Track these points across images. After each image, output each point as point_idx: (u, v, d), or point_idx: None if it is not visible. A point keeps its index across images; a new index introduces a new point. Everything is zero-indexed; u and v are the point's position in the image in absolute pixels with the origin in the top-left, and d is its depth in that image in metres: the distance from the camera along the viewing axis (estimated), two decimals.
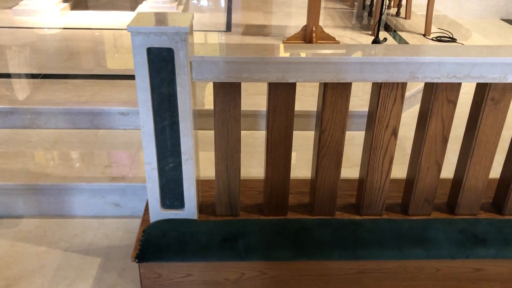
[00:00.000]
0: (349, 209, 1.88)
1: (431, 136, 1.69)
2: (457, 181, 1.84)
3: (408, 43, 3.81)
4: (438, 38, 3.94)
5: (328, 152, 1.71)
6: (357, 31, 4.08)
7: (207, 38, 3.91)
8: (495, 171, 1.88)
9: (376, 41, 3.49)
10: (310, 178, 1.90)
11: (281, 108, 1.62)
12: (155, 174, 1.68)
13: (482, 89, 1.65)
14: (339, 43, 3.67)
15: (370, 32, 4.01)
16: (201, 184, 1.91)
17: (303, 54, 1.58)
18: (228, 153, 1.69)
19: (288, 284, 1.72)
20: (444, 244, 1.67)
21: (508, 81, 1.57)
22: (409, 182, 1.83)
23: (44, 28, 3.95)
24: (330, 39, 3.63)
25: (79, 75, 2.99)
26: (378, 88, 1.61)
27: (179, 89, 1.53)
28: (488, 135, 1.69)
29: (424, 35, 3.99)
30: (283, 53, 1.60)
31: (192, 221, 1.76)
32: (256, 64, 1.52)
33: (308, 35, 3.57)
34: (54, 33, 3.86)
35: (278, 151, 1.70)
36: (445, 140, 1.69)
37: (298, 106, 1.70)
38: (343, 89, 1.59)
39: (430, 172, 1.76)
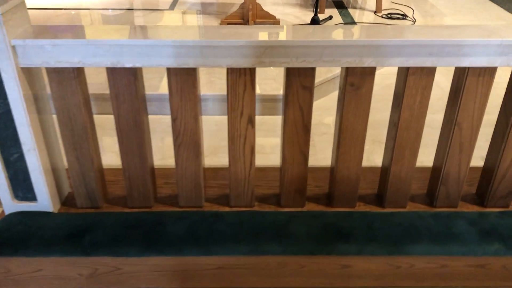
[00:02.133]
0: (220, 200, 1.79)
1: (291, 125, 1.57)
2: (331, 171, 1.73)
3: (355, 22, 3.65)
4: (389, 16, 3.77)
5: (184, 141, 1.60)
6: (306, 9, 3.92)
7: (146, 18, 3.77)
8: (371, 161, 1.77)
9: (314, 19, 3.34)
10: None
11: (124, 95, 1.51)
12: (0, 165, 1.59)
13: (343, 74, 1.52)
14: (279, 22, 3.52)
15: (318, 9, 3.84)
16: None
17: (151, 35, 1.46)
18: (76, 143, 1.59)
19: (146, 280, 1.65)
20: (303, 239, 1.57)
21: (365, 65, 1.45)
22: (281, 173, 1.72)
23: None
24: (269, 18, 3.48)
25: None
26: (227, 74, 1.49)
27: (4, 76, 1.42)
28: (354, 123, 1.57)
29: (375, 12, 3.82)
30: (117, 35, 1.47)
31: (45, 213, 1.67)
32: (86, 47, 1.41)
33: (246, 14, 3.42)
34: None
35: (130, 140, 1.60)
36: (306, 128, 1.58)
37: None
38: (187, 75, 1.48)
39: (296, 162, 1.65)
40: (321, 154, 2.31)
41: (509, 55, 1.42)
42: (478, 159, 1.97)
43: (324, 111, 2.66)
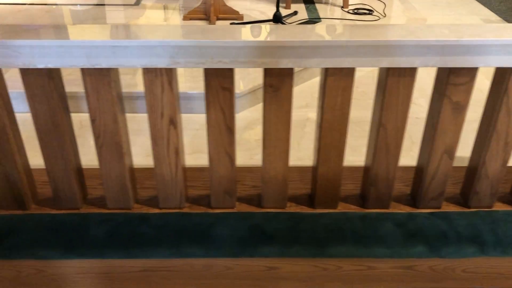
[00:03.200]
0: (151, 202, 1.77)
1: (214, 126, 1.55)
2: (262, 172, 1.70)
3: (319, 18, 3.62)
4: (356, 11, 3.74)
5: (105, 142, 1.58)
6: (272, 4, 3.88)
7: (111, 14, 3.73)
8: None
9: (276, 15, 3.30)
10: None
11: (40, 96, 1.48)
12: None
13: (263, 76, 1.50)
14: (242, 17, 3.49)
15: (285, 5, 3.81)
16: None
17: (63, 36, 1.42)
18: None
19: (70, 283, 1.63)
20: (226, 242, 1.56)
21: (281, 66, 1.42)
22: (209, 174, 1.70)
23: None
24: (232, 13, 3.44)
25: None
26: (143, 74, 1.47)
27: None
28: (276, 123, 1.54)
29: (342, 8, 3.79)
30: (27, 36, 1.42)
31: None
32: None
33: (208, 9, 3.38)
34: None
35: (50, 141, 1.56)
36: (229, 130, 1.56)
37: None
38: (102, 75, 1.45)
39: (223, 163, 1.63)
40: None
41: (428, 55, 1.40)
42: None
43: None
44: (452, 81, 1.47)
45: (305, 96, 2.80)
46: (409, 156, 2.13)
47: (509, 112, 1.52)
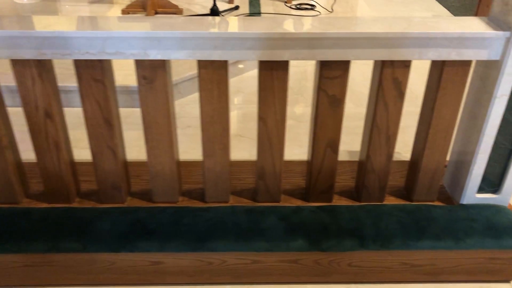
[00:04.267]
0: (40, 197, 1.74)
1: (92, 120, 1.52)
2: (149, 167, 1.68)
3: (260, 13, 3.61)
4: (298, 6, 3.73)
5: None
6: None
7: (52, 9, 3.67)
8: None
9: (213, 10, 3.28)
10: None
11: None
12: None
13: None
14: (181, 12, 3.46)
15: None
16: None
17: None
18: None
19: None
20: (106, 237, 1.54)
21: (151, 58, 1.40)
22: (94, 168, 1.67)
23: None
24: (171, 8, 3.41)
25: None
26: (12, 65, 1.43)
27: None
28: (155, 117, 1.52)
29: (285, 3, 3.78)
30: None
31: None
32: None
33: (146, 3, 3.35)
34: None
35: None
36: (108, 123, 1.53)
37: None
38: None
39: (106, 157, 1.60)
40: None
41: (296, 48, 1.39)
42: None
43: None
44: (326, 75, 1.46)
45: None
46: None
47: (387, 106, 1.52)
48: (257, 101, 1.52)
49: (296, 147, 1.76)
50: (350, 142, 2.27)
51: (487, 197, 1.69)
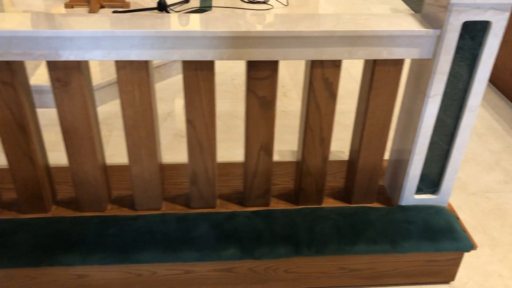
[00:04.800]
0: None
1: (5, 126, 1.41)
2: (72, 174, 1.58)
3: (211, 7, 3.51)
4: (251, 0, 3.65)
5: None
6: None
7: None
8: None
9: (161, 3, 3.16)
10: None
11: None
12: None
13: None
14: (128, 5, 3.32)
15: None
16: None
17: None
18: None
19: None
20: (23, 250, 1.43)
21: (63, 59, 1.30)
22: (11, 175, 1.56)
23: None
24: (117, 1, 3.28)
25: None
26: None
27: None
28: (73, 121, 1.42)
29: None
30: None
31: None
32: None
33: None
34: None
35: None
36: (23, 129, 1.42)
37: None
38: None
39: (23, 165, 1.49)
40: (111, 151, 2.18)
41: (220, 48, 1.31)
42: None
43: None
44: (254, 75, 1.39)
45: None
46: None
47: (318, 107, 1.46)
48: (184, 104, 1.44)
49: (241, 147, 1.69)
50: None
51: (426, 198, 1.66)
